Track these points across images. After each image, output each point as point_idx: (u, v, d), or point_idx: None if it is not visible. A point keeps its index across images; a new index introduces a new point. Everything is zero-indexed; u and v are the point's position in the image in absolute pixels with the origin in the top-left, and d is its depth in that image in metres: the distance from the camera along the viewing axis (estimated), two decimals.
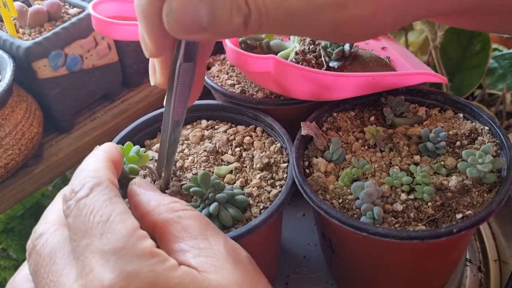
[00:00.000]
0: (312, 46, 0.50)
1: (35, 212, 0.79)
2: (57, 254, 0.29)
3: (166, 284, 0.27)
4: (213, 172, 0.46)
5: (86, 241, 0.28)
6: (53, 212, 0.32)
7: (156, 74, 0.36)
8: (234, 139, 0.48)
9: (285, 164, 0.45)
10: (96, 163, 0.32)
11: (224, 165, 0.47)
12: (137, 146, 0.41)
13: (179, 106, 0.36)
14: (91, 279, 0.27)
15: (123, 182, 0.37)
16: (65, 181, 0.88)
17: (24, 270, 0.33)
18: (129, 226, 0.28)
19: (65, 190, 0.31)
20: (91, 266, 0.27)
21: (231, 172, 0.46)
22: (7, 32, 0.61)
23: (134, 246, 0.27)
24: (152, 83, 0.37)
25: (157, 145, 0.49)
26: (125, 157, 0.40)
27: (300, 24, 0.29)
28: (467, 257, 0.55)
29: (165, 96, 0.37)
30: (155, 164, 0.42)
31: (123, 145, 0.39)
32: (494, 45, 0.80)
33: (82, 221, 0.28)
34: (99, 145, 0.36)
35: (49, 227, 0.31)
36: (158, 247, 0.29)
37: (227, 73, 0.54)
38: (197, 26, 0.29)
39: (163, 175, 0.42)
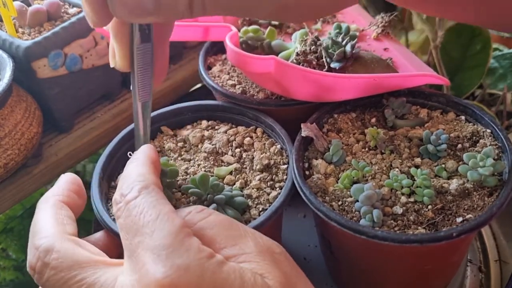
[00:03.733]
0: (313, 47, 0.50)
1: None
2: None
3: (212, 279, 0.28)
4: (213, 173, 0.46)
5: (138, 239, 0.29)
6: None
7: (116, 57, 0.36)
8: (235, 140, 0.48)
9: (285, 166, 0.45)
10: (140, 168, 0.34)
11: (224, 166, 0.47)
12: (165, 157, 0.42)
13: (143, 88, 0.36)
14: (144, 273, 0.28)
15: (164, 182, 0.39)
16: None
17: None
18: (177, 224, 0.29)
19: (115, 195, 0.32)
20: (143, 261, 0.28)
21: (231, 173, 0.46)
22: (6, 31, 0.61)
23: (183, 242, 0.28)
24: (111, 65, 0.37)
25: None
26: None
27: (242, 6, 0.30)
28: (468, 257, 0.55)
29: (131, 80, 0.37)
30: None
31: (123, 146, 0.39)
32: (494, 45, 0.79)
33: (133, 221, 0.30)
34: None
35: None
36: None
37: (228, 74, 0.54)
38: (141, 11, 0.29)
39: None
